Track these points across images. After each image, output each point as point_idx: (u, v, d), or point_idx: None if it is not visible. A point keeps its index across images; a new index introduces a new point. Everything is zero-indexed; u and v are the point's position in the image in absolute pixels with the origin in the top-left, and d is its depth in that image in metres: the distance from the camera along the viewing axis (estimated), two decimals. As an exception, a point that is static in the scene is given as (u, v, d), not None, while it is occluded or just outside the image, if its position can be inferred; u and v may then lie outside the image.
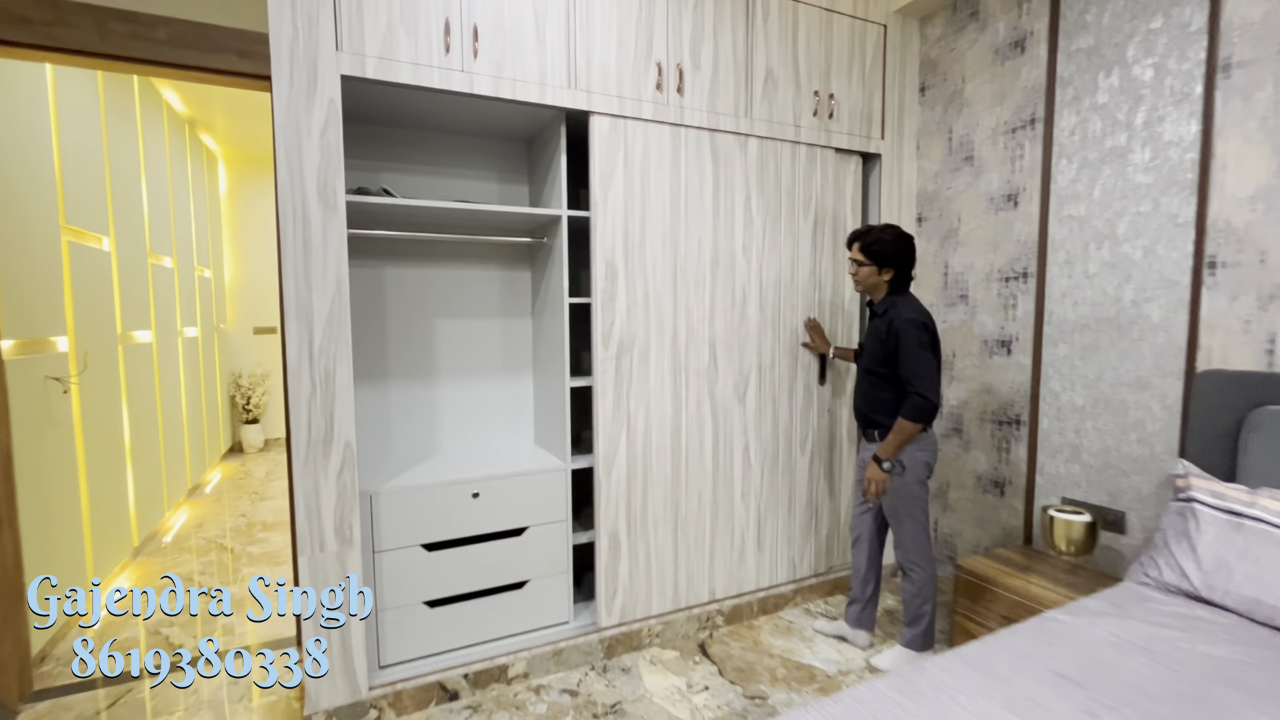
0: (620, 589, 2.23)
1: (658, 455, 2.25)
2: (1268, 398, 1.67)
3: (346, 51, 1.73)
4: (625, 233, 2.12)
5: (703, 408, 2.33)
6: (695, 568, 2.37)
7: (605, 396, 2.14)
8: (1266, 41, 1.69)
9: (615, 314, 2.13)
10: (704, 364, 2.31)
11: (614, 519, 2.19)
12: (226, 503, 4.19)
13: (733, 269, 2.34)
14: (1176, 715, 1.14)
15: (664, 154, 2.18)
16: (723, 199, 2.30)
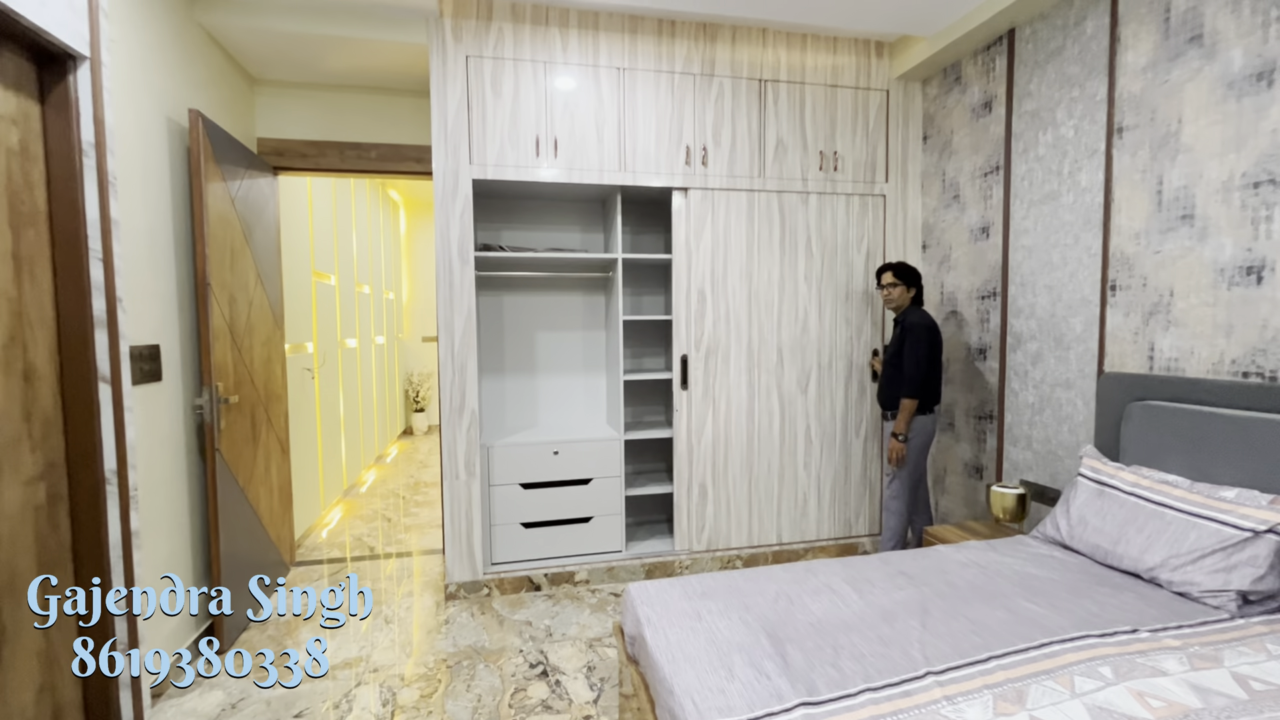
0: (707, 525, 3.08)
1: (735, 430, 3.08)
2: (1141, 394, 2.10)
3: (476, 163, 2.75)
4: (711, 269, 3.01)
5: (771, 396, 3.12)
6: (766, 517, 3.16)
7: (697, 385, 3.02)
8: (1143, 111, 2.12)
9: (705, 327, 3.01)
10: (773, 363, 3.11)
11: (703, 473, 3.06)
12: (401, 468, 5.58)
13: (796, 293, 3.13)
14: (966, 598, 1.73)
15: (732, 211, 3.02)
16: (787, 241, 3.10)
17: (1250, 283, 1.83)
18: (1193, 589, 1.68)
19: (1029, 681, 1.31)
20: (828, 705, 1.25)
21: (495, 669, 2.28)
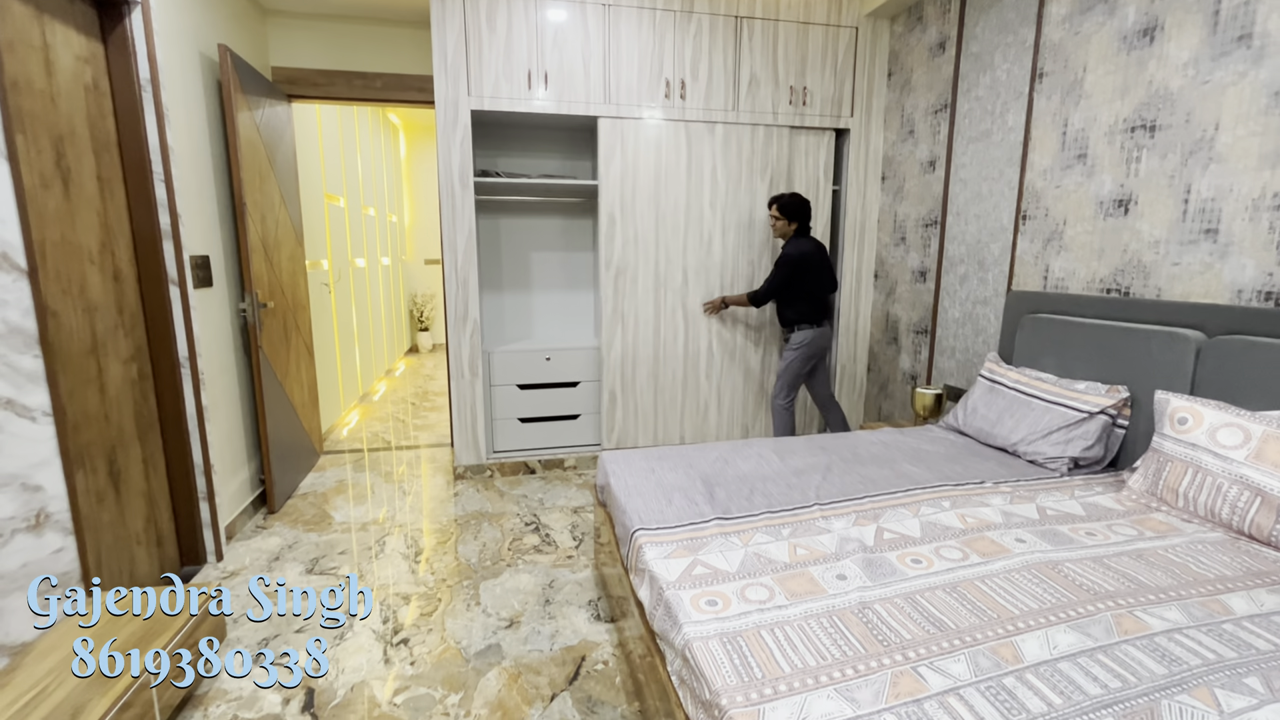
0: (617, 426, 3.51)
1: (643, 344, 3.44)
2: (1034, 308, 2.50)
3: (474, 95, 3.03)
4: (621, 195, 3.27)
5: (676, 314, 3.46)
6: (670, 422, 3.58)
7: (607, 303, 3.37)
8: (1059, 58, 2.41)
9: (614, 249, 3.31)
10: (678, 284, 3.45)
11: (613, 381, 3.45)
12: (409, 380, 6.07)
13: (700, 218, 3.40)
14: (864, 462, 2.20)
15: (649, 141, 3.25)
16: (694, 169, 3.34)
17: (1120, 214, 2.20)
18: (1039, 457, 2.15)
19: (886, 509, 1.79)
20: (736, 520, 1.74)
21: (497, 526, 2.81)
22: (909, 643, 1.18)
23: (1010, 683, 1.07)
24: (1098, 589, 1.35)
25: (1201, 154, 1.93)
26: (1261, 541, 1.56)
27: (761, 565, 1.48)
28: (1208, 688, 1.05)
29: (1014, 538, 1.60)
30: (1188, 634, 1.20)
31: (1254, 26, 1.78)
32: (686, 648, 1.20)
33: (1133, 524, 1.68)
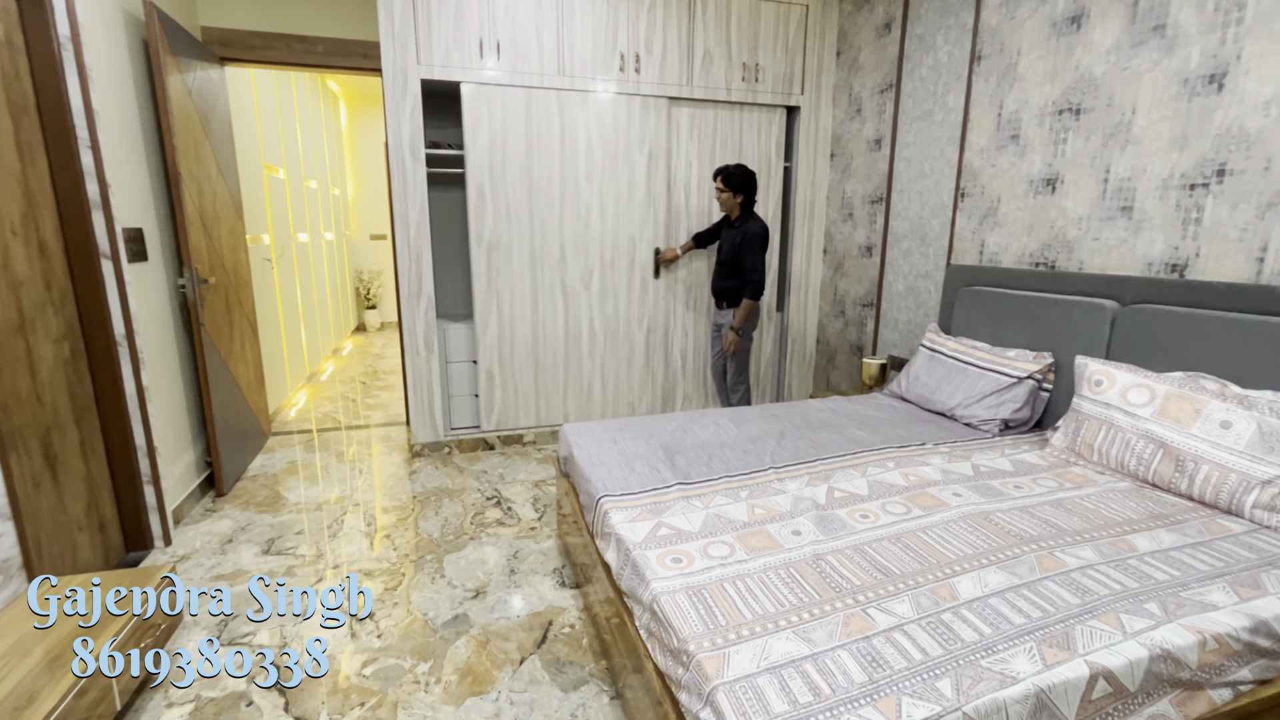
0: (496, 407, 3.38)
1: (520, 323, 3.31)
2: (970, 281, 2.66)
3: (423, 64, 2.94)
4: (490, 167, 3.11)
5: (555, 292, 3.35)
6: (553, 402, 3.48)
7: (480, 280, 3.21)
8: (996, 42, 2.53)
9: (485, 222, 3.16)
10: (555, 259, 3.32)
11: (490, 361, 3.31)
12: (357, 360, 5.91)
13: (577, 193, 3.28)
14: (815, 428, 2.31)
15: (518, 112, 3.08)
16: (568, 141, 3.21)
17: (1048, 192, 2.35)
18: (974, 419, 2.31)
19: (836, 470, 1.90)
20: (696, 484, 1.81)
21: (458, 501, 2.82)
22: (859, 588, 1.28)
23: (948, 618, 1.18)
24: (1023, 534, 1.49)
25: (1120, 136, 2.08)
26: (1163, 489, 1.74)
27: (722, 525, 1.56)
28: (1114, 613, 1.19)
29: (951, 493, 1.73)
30: (1099, 569, 1.34)
31: (1168, 18, 1.93)
32: (655, 602, 1.27)
33: (1054, 477, 1.84)
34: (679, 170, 3.46)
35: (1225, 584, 1.29)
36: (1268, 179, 1.71)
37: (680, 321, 3.65)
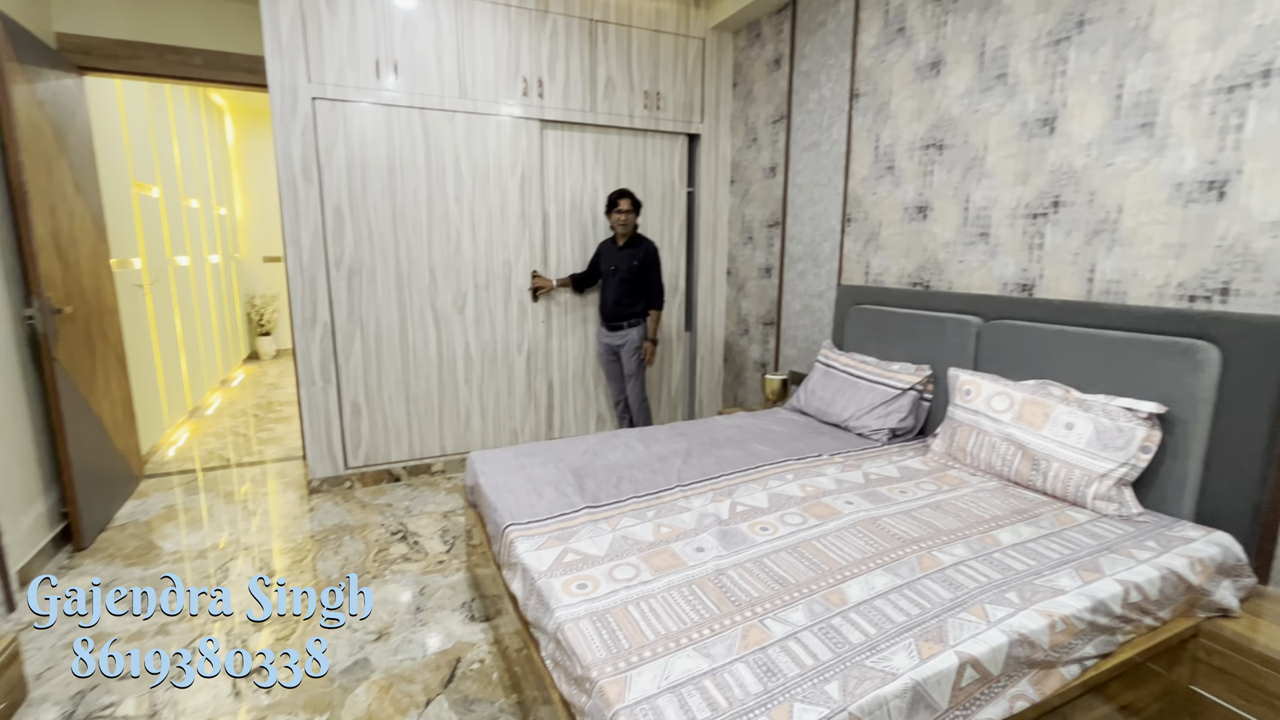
0: (364, 441, 3.18)
1: (388, 350, 3.15)
2: (858, 300, 2.85)
3: (315, 81, 2.83)
4: (350, 189, 2.96)
5: (425, 317, 3.22)
6: (428, 432, 3.31)
7: (341, 306, 3.03)
8: (870, 82, 2.76)
9: (345, 245, 2.99)
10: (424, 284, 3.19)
11: (355, 393, 3.12)
12: (249, 391, 5.50)
13: (446, 215, 3.18)
14: (720, 445, 2.38)
15: (379, 132, 2.96)
16: (435, 161, 3.10)
17: (920, 219, 2.58)
18: (865, 429, 2.47)
19: (739, 485, 1.97)
20: (605, 507, 1.82)
21: (360, 538, 2.67)
22: (757, 600, 1.33)
23: (837, 622, 1.25)
24: (906, 536, 1.60)
25: (976, 170, 2.32)
26: (1023, 486, 1.93)
27: (629, 546, 1.58)
28: (980, 604, 1.31)
29: (844, 500, 1.84)
30: (969, 564, 1.47)
31: (1008, 68, 2.18)
32: (559, 630, 1.26)
33: (934, 480, 2.00)
34: (585, 193, 3.50)
35: (1072, 569, 1.45)
36: (1092, 210, 1.97)
37: (561, 344, 3.60)
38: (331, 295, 3.02)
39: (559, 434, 3.68)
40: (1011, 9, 2.16)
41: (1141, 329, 1.83)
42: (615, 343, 3.37)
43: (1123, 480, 1.74)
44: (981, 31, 2.26)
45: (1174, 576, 1.46)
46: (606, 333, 3.41)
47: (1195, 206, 1.73)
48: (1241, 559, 1.58)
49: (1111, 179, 1.91)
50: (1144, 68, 1.81)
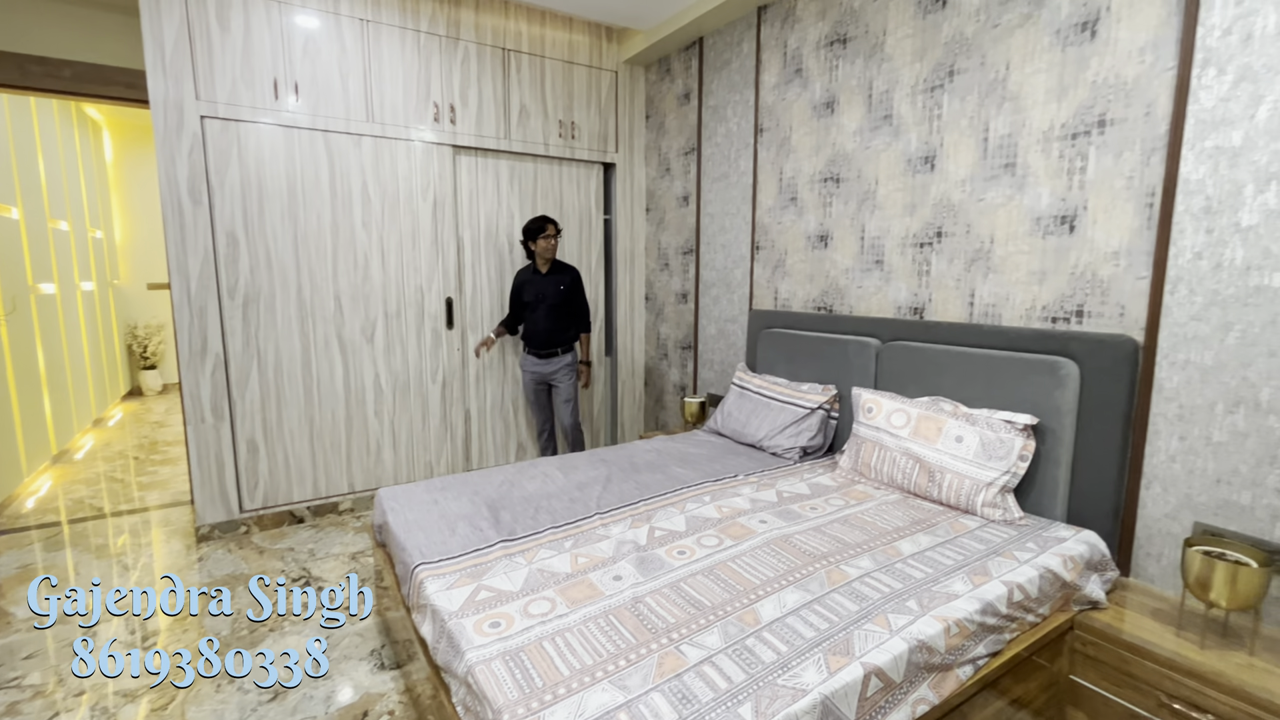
0: (262, 481, 2.96)
1: (289, 382, 2.97)
2: (769, 324, 2.97)
3: (204, 99, 2.67)
4: (245, 213, 2.79)
5: (331, 346, 3.06)
6: (334, 468, 3.12)
7: (235, 337, 2.84)
8: (773, 118, 2.93)
9: (239, 272, 2.81)
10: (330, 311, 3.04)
11: (252, 429, 2.91)
12: (129, 430, 4.99)
13: (353, 240, 3.04)
14: (640, 470, 2.39)
15: (278, 154, 2.82)
16: (340, 185, 2.99)
17: (822, 247, 2.73)
18: (778, 449, 2.56)
19: (658, 510, 1.98)
20: (521, 540, 1.78)
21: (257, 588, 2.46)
22: (673, 626, 1.33)
23: (751, 642, 1.27)
24: (816, 552, 1.66)
25: (869, 202, 2.50)
26: (922, 497, 2.05)
27: (545, 579, 1.54)
28: (884, 614, 1.37)
29: (758, 520, 1.88)
30: (874, 576, 1.54)
31: (893, 110, 2.38)
32: (469, 674, 1.21)
33: (842, 496, 2.09)
34: (501, 219, 3.48)
35: (964, 574, 1.55)
36: (969, 240, 2.16)
37: (479, 372, 3.52)
38: (224, 325, 2.82)
39: (478, 465, 3.58)
40: (893, 57, 2.36)
41: (1015, 348, 2.01)
42: (548, 370, 3.33)
43: (1005, 487, 1.89)
44: (869, 76, 2.46)
45: (1050, 574, 1.59)
46: (537, 361, 3.33)
47: (1052, 238, 1.93)
48: (1106, 555, 1.75)
49: (984, 212, 2.11)
50: (1004, 115, 2.03)
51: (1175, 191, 1.65)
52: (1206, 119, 1.59)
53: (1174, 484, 1.71)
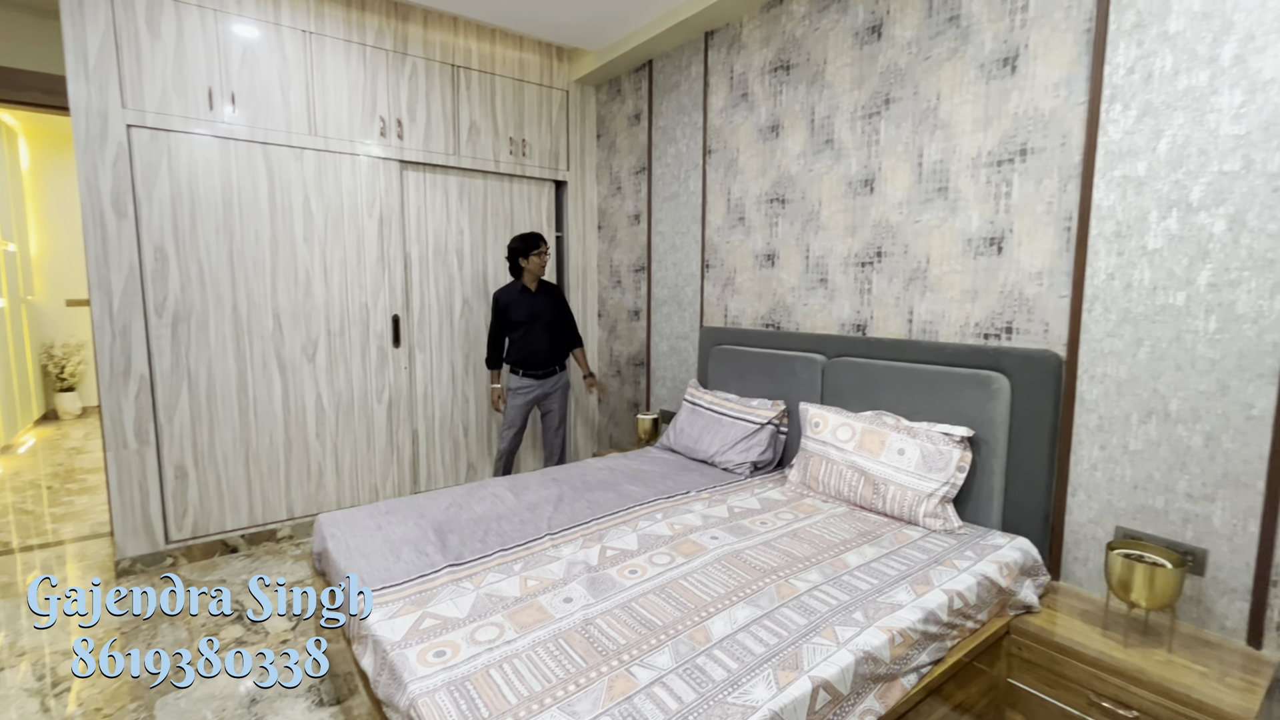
0: (191, 509, 2.79)
1: (223, 404, 2.83)
2: (720, 340, 3.02)
3: (131, 108, 2.54)
4: (175, 227, 2.66)
5: (270, 366, 2.94)
6: (271, 494, 2.97)
7: (164, 357, 2.69)
8: (721, 140, 3.00)
9: (168, 289, 2.67)
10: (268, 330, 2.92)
11: (180, 455, 2.75)
12: (42, 458, 4.64)
13: (294, 255, 2.95)
14: (592, 488, 2.36)
15: (213, 166, 2.71)
16: (281, 199, 2.88)
17: (770, 265, 2.80)
18: (730, 464, 2.58)
19: (610, 528, 1.97)
20: (468, 564, 1.73)
21: (182, 624, 2.31)
22: (624, 647, 1.31)
23: (702, 661, 1.27)
24: (766, 567, 1.68)
25: (813, 223, 2.58)
26: (868, 509, 2.11)
27: (493, 604, 1.50)
28: (831, 627, 1.39)
29: (710, 536, 1.89)
30: (822, 589, 1.56)
31: (834, 135, 2.47)
32: (411, 707, 1.16)
33: (792, 510, 2.13)
34: (450, 236, 3.43)
35: (907, 584, 1.59)
36: (907, 260, 2.25)
37: (427, 391, 3.43)
38: (151, 345, 2.67)
39: (426, 487, 3.47)
40: (833, 85, 2.46)
41: (951, 363, 2.10)
42: (546, 390, 3.26)
43: (945, 498, 1.95)
44: (811, 102, 2.55)
45: (987, 581, 1.65)
46: (536, 383, 3.21)
47: (982, 259, 2.04)
48: (1038, 560, 1.83)
49: (920, 234, 2.21)
50: (936, 142, 2.13)
51: (1090, 217, 1.77)
52: (1114, 150, 1.72)
53: (1096, 491, 1.81)
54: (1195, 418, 1.62)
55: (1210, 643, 1.59)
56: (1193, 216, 1.60)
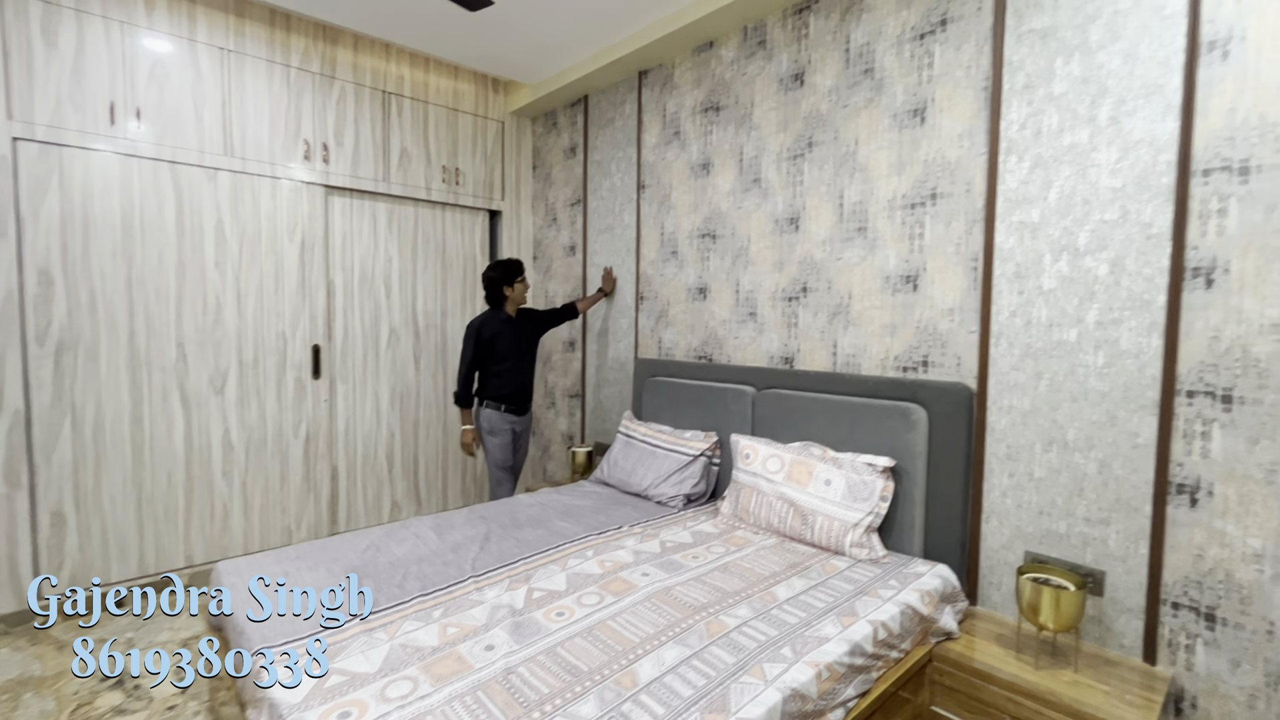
0: (69, 559, 2.52)
1: (113, 442, 2.60)
2: (654, 372, 3.02)
3: (18, 119, 2.34)
4: (64, 248, 2.46)
5: (171, 399, 2.73)
6: (166, 538, 2.74)
7: (44, 390, 2.45)
8: (654, 175, 3.05)
9: (52, 316, 2.45)
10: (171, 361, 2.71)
11: (58, 498, 2.49)
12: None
13: (203, 281, 2.77)
14: (521, 526, 2.28)
15: (112, 184, 2.54)
16: (190, 222, 2.72)
17: (701, 299, 2.85)
18: (663, 497, 2.56)
19: (538, 568, 1.89)
20: (383, 612, 1.62)
21: (50, 693, 2.05)
22: (546, 697, 1.25)
23: (628, 708, 1.22)
24: (696, 603, 1.65)
25: (743, 259, 2.65)
26: (797, 540, 2.13)
27: (408, 656, 1.41)
28: (759, 664, 1.37)
29: (641, 573, 1.85)
30: (751, 625, 1.55)
31: (761, 174, 2.56)
32: (307, 779, 1.05)
33: (723, 542, 2.12)
34: (378, 263, 3.31)
35: (834, 616, 1.60)
36: (831, 295, 2.34)
37: (349, 425, 3.26)
38: (28, 377, 2.41)
39: (346, 527, 3.27)
40: (760, 126, 2.56)
41: (873, 394, 2.17)
42: (523, 427, 3.10)
43: (870, 527, 2.00)
44: (739, 142, 2.64)
45: (910, 610, 1.69)
46: (516, 419, 3.02)
47: (900, 295, 2.14)
48: (956, 586, 1.89)
49: (842, 270, 2.30)
50: (856, 184, 2.25)
51: (993, 258, 1.90)
52: (1012, 197, 1.86)
53: (1007, 517, 1.90)
54: (1090, 446, 1.73)
55: (1111, 661, 1.67)
56: (1080, 260, 1.74)
